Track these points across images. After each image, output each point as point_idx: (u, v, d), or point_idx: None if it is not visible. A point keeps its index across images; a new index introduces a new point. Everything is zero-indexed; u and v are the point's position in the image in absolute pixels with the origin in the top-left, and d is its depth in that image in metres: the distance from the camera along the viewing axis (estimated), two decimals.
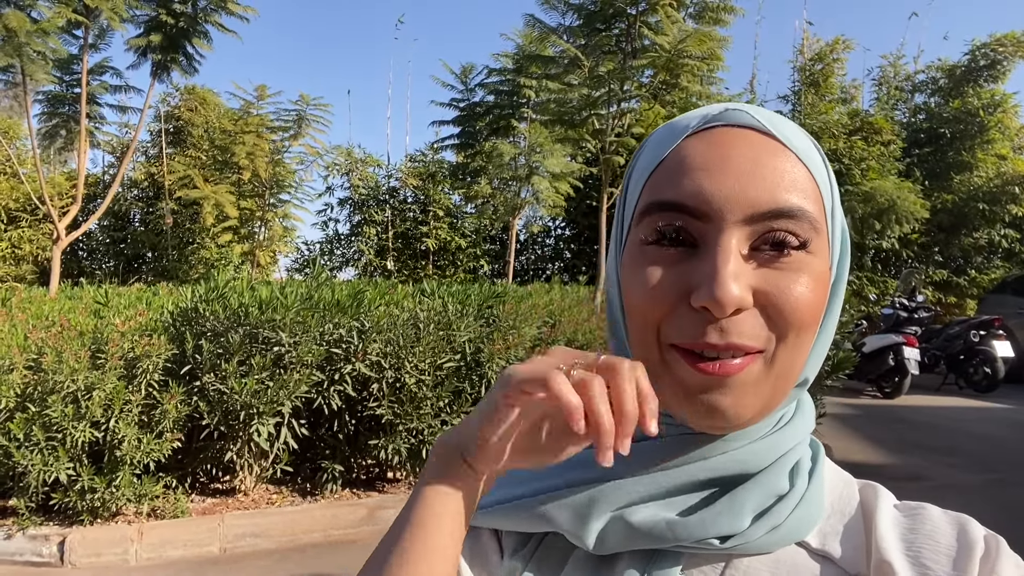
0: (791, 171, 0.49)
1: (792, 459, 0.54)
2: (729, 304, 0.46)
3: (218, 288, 4.27)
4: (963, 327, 9.72)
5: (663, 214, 0.50)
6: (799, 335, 0.49)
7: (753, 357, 0.48)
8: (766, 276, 0.48)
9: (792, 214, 0.48)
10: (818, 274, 0.49)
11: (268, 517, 4.24)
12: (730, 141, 0.50)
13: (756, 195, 0.48)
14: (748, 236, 0.48)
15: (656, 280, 0.50)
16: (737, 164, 0.49)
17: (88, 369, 3.88)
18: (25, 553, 3.91)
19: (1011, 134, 14.42)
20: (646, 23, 7.24)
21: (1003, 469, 5.70)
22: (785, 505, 0.52)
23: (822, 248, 0.50)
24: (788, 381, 0.51)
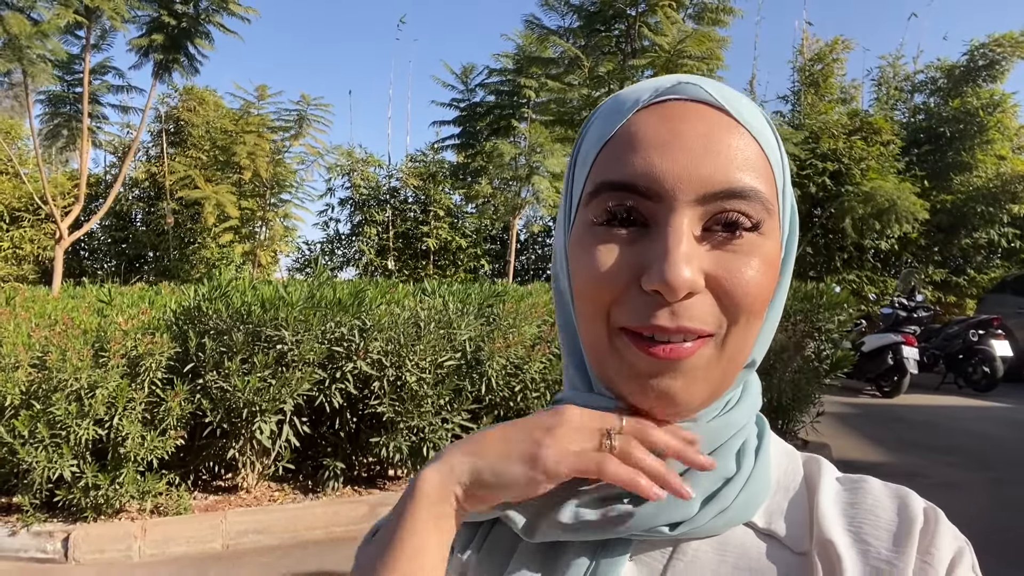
0: (744, 149, 0.48)
1: (739, 440, 0.54)
2: (681, 287, 0.44)
3: (221, 287, 4.30)
4: (962, 326, 9.77)
5: (613, 194, 0.48)
6: (749, 319, 0.48)
7: (704, 341, 0.48)
8: (718, 259, 0.47)
9: (745, 194, 0.46)
10: (769, 256, 0.48)
11: (270, 514, 4.28)
12: (682, 115, 0.48)
13: (709, 174, 0.46)
14: (700, 216, 0.47)
15: (606, 262, 0.48)
16: (690, 141, 0.47)
17: (92, 367, 3.91)
18: (30, 549, 3.95)
19: (1010, 134, 14.45)
20: (646, 24, 7.29)
21: (1001, 468, 5.74)
22: (732, 487, 0.51)
23: (773, 229, 0.49)
24: (737, 364, 0.50)
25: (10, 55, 6.41)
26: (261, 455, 4.53)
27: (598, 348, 0.51)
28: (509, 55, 11.08)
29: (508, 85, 11.39)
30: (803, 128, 12.66)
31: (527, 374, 4.74)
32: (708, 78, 0.52)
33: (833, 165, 12.56)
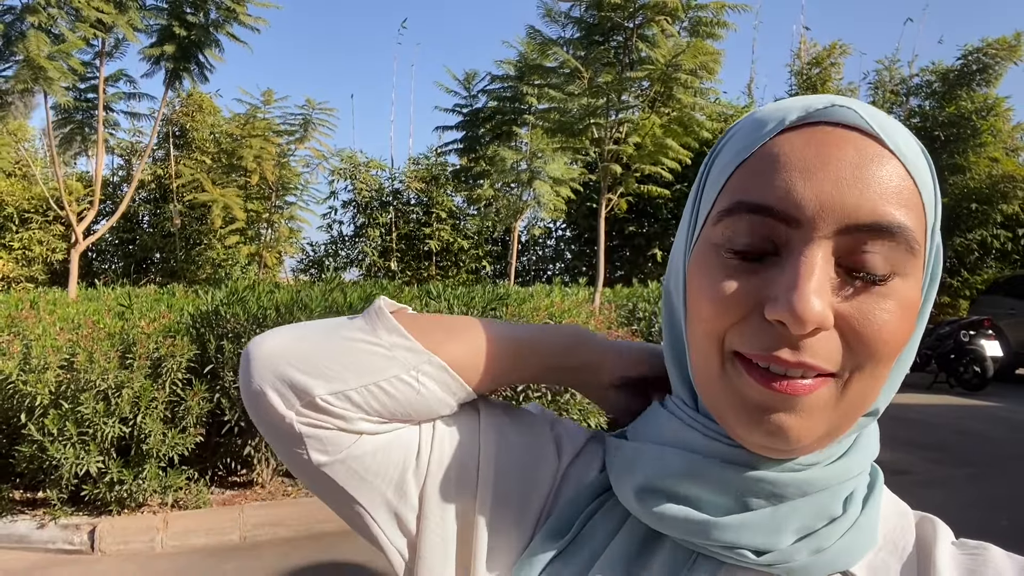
0: (897, 182, 0.44)
1: (850, 486, 0.50)
2: (809, 320, 0.42)
3: (238, 292, 4.51)
4: (953, 327, 9.96)
5: (748, 216, 0.45)
6: (877, 365, 0.45)
7: (825, 380, 0.45)
8: (853, 298, 0.44)
9: (891, 230, 0.43)
10: (907, 300, 0.45)
11: (285, 507, 4.49)
12: (833, 141, 0.45)
13: (856, 204, 0.43)
14: (839, 249, 0.44)
15: (728, 288, 0.46)
16: (838, 168, 0.44)
17: (118, 368, 4.13)
18: (57, 541, 4.15)
19: (1003, 137, 14.65)
20: (643, 36, 7.50)
21: (983, 464, 5.95)
22: (834, 529, 0.48)
23: (916, 270, 0.45)
24: (858, 411, 0.47)
25: (28, 75, 6.62)
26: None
27: (708, 372, 0.48)
28: (511, 62, 11.29)
29: (510, 91, 11.60)
30: None
31: None
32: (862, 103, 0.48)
33: None
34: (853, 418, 0.47)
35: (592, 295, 8.09)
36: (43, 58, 6.50)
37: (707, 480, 0.49)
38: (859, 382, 0.45)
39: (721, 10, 7.92)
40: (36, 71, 6.60)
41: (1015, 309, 10.75)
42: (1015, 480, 5.48)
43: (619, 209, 10.46)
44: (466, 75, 12.28)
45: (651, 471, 0.52)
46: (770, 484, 0.48)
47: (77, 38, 6.88)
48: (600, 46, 7.65)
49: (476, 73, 12.23)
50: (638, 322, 6.49)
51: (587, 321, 5.68)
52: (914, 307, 0.46)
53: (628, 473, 0.53)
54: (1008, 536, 4.26)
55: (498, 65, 11.76)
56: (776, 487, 0.48)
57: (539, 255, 17.76)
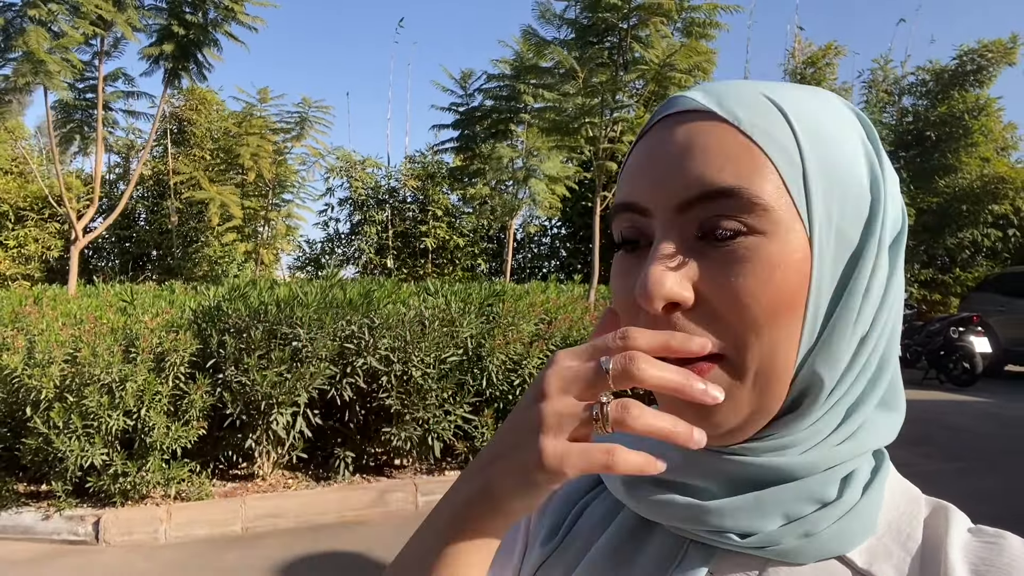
0: (727, 148, 0.44)
1: (844, 471, 0.48)
2: (655, 296, 0.42)
3: (239, 288, 4.59)
4: (943, 324, 10.08)
5: (622, 215, 0.48)
6: (761, 331, 0.43)
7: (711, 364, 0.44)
8: (708, 269, 0.44)
9: (724, 194, 0.43)
10: (777, 256, 0.43)
11: (286, 500, 4.58)
12: (668, 128, 0.46)
13: (684, 179, 0.44)
14: (687, 226, 0.45)
15: (622, 287, 0.48)
16: (669, 151, 0.45)
17: (122, 362, 4.20)
18: (62, 532, 4.22)
19: (994, 136, 14.80)
20: (636, 37, 7.59)
21: (969, 458, 6.06)
22: (826, 514, 0.46)
23: (781, 224, 0.43)
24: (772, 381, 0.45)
25: (29, 69, 6.69)
26: (276, 445, 4.83)
27: None
28: (507, 61, 11.38)
29: (506, 90, 11.69)
30: None
31: (525, 369, 5.05)
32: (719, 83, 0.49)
33: None
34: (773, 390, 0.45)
35: (587, 292, 8.19)
36: (43, 52, 6.56)
37: (699, 468, 0.48)
38: (749, 351, 0.44)
39: (714, 11, 8.03)
40: (36, 65, 6.66)
41: (1004, 306, 10.87)
42: (1003, 474, 5.58)
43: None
44: (462, 74, 12.38)
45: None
46: (754, 469, 0.47)
47: (77, 34, 6.94)
48: (594, 47, 7.74)
49: (472, 72, 12.33)
50: None
51: (582, 317, 5.78)
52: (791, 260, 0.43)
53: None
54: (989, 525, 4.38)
55: (494, 64, 11.87)
56: (760, 472, 0.47)
57: (534, 253, 17.86)
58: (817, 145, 0.46)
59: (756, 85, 0.49)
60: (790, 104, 0.47)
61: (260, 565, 3.86)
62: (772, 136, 0.45)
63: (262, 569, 3.81)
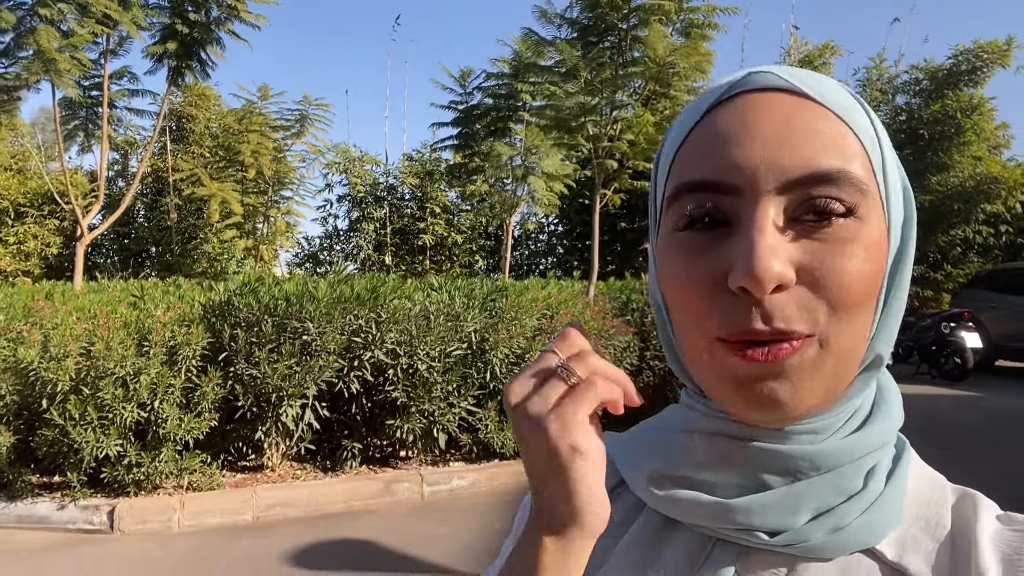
0: (828, 130, 0.44)
1: (871, 460, 0.48)
2: (768, 280, 0.42)
3: (250, 283, 4.70)
4: (935, 319, 10.22)
5: (691, 195, 0.46)
6: (853, 311, 0.44)
7: (805, 341, 0.44)
8: (810, 249, 0.43)
9: (831, 178, 0.43)
10: (871, 241, 0.44)
11: (295, 489, 4.69)
12: (756, 106, 0.46)
13: (789, 160, 0.43)
14: (786, 206, 0.44)
15: (691, 269, 0.46)
16: (765, 129, 0.45)
17: (135, 356, 4.31)
18: (78, 521, 4.32)
19: (986, 136, 14.96)
20: (637, 37, 7.71)
21: (957, 448, 6.21)
22: (853, 506, 0.46)
23: (874, 212, 0.45)
24: (851, 362, 0.46)
25: (39, 66, 6.78)
26: (285, 436, 4.94)
27: (697, 360, 0.48)
28: (506, 60, 11.46)
29: (505, 89, 11.79)
30: None
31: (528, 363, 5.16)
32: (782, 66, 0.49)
33: None
34: (847, 372, 0.46)
35: (586, 288, 8.31)
36: (54, 51, 6.67)
37: (729, 462, 0.48)
38: (840, 332, 0.44)
39: (712, 12, 8.17)
40: (47, 63, 6.76)
41: (995, 302, 11.03)
42: (989, 463, 5.73)
43: (613, 204, 10.67)
44: (461, 72, 12.47)
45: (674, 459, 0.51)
46: (785, 459, 0.47)
47: (85, 32, 7.04)
48: (595, 46, 7.86)
49: (472, 70, 12.42)
50: (631, 313, 6.71)
51: (583, 311, 5.90)
52: (879, 245, 0.45)
53: (645, 462, 0.53)
54: None
55: (493, 63, 11.97)
56: (791, 462, 0.47)
57: (531, 249, 17.98)
58: (886, 139, 0.48)
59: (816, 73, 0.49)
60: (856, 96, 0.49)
61: (272, 553, 3.97)
62: (861, 125, 0.46)
63: (275, 556, 3.92)
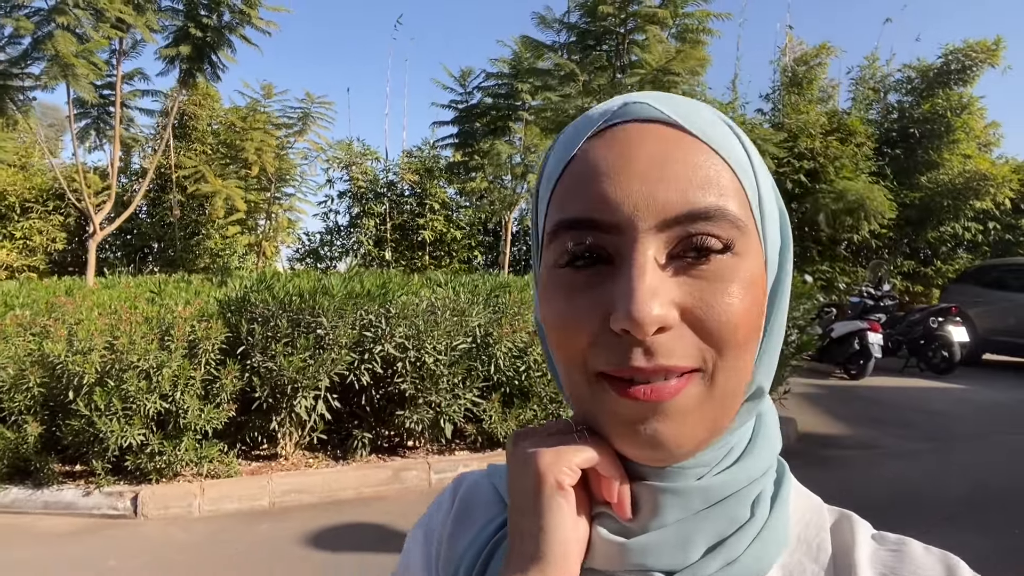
0: (704, 165, 0.44)
1: (756, 488, 0.48)
2: (648, 324, 0.41)
3: (265, 280, 4.92)
4: (923, 314, 10.47)
5: (570, 232, 0.45)
6: (738, 348, 0.44)
7: (689, 377, 0.43)
8: (690, 288, 0.43)
9: (708, 215, 0.43)
10: (749, 277, 0.44)
11: (309, 477, 4.91)
12: (634, 139, 0.45)
13: (666, 197, 0.43)
14: (665, 244, 0.43)
15: (573, 309, 0.45)
16: (642, 164, 0.44)
17: (158, 350, 4.52)
18: (102, 507, 4.53)
19: (975, 134, 15.22)
20: (634, 42, 7.93)
21: (944, 438, 6.46)
22: (743, 536, 0.46)
23: (751, 247, 0.45)
24: (735, 398, 0.46)
25: (57, 71, 6.99)
26: (298, 426, 5.16)
27: (580, 397, 0.47)
28: (505, 60, 11.66)
29: (504, 88, 11.98)
30: (783, 128, 13.35)
31: (530, 357, 5.39)
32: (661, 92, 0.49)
33: (809, 163, 13.32)
34: (731, 407, 0.46)
35: None
36: (72, 56, 6.87)
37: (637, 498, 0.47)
38: (725, 370, 0.44)
39: (706, 18, 8.40)
40: (65, 68, 6.97)
41: (982, 297, 11.28)
42: (973, 453, 5.98)
43: None
44: (462, 72, 12.64)
45: None
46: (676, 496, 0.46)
47: (100, 37, 7.24)
48: (593, 51, 8.06)
49: (472, 70, 12.60)
50: None
51: None
52: (757, 280, 0.45)
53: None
54: (960, 500, 4.77)
55: (493, 63, 12.16)
56: (683, 499, 0.46)
57: (529, 246, 18.13)
58: (761, 169, 0.48)
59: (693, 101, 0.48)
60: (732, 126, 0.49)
61: (289, 536, 4.18)
62: (737, 158, 0.46)
63: (291, 539, 4.14)
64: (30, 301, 5.42)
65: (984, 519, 4.35)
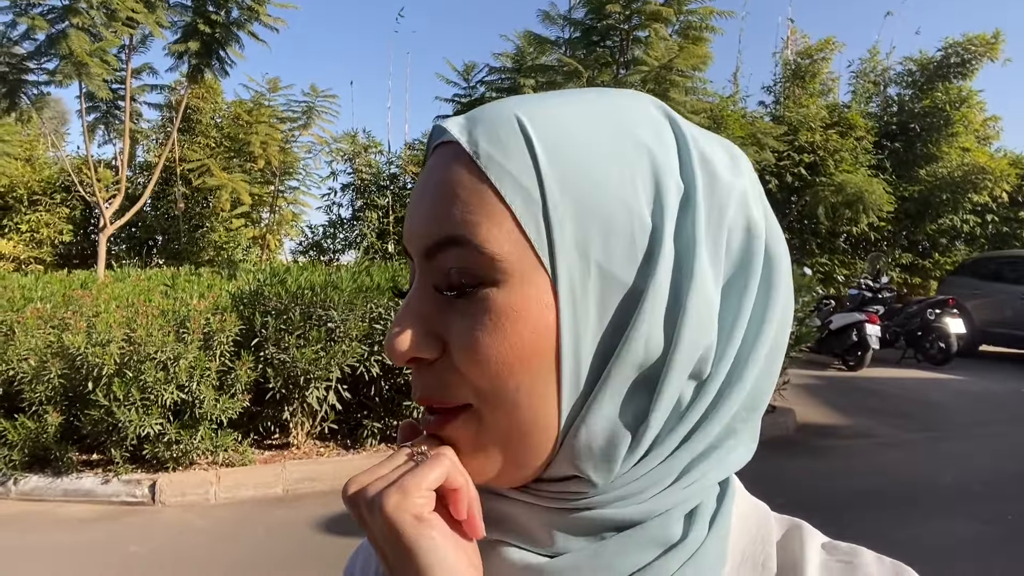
0: (460, 186, 0.40)
1: (689, 505, 0.44)
2: (394, 355, 0.40)
3: (277, 273, 5.05)
4: (920, 306, 10.57)
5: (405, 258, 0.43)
6: (502, 383, 0.40)
7: (456, 413, 0.41)
8: (449, 320, 0.41)
9: (455, 241, 0.40)
10: (505, 308, 0.39)
11: (321, 465, 5.06)
12: (431, 164, 0.43)
13: (426, 224, 0.41)
14: (432, 274, 0.42)
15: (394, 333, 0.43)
16: (424, 190, 0.42)
17: (175, 341, 4.65)
18: (121, 495, 4.66)
19: (973, 127, 15.31)
20: (638, 39, 8.02)
21: (940, 428, 6.60)
22: (672, 558, 0.42)
23: (519, 275, 0.39)
24: (532, 434, 0.41)
25: (71, 70, 7.10)
26: (309, 417, 5.30)
27: None
28: (508, 55, 11.75)
29: (508, 83, 12.06)
30: (783, 121, 13.44)
31: None
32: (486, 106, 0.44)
33: (809, 157, 13.41)
34: (531, 443, 0.41)
35: None
36: (86, 55, 6.99)
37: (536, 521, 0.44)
38: (496, 407, 0.40)
39: (709, 15, 8.48)
40: (79, 67, 7.09)
41: (980, 289, 11.39)
42: (969, 443, 6.11)
43: None
44: (465, 66, 12.73)
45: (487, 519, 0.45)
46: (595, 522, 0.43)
47: (112, 36, 7.35)
48: (597, 47, 8.15)
49: (475, 65, 12.69)
50: None
51: None
52: (528, 312, 0.39)
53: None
54: (955, 489, 4.91)
55: (496, 58, 12.25)
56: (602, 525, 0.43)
57: None
58: (569, 174, 0.40)
59: (521, 102, 0.43)
60: (545, 125, 0.41)
61: (304, 521, 4.31)
62: (507, 170, 0.40)
63: (306, 524, 4.28)
64: (47, 294, 5.54)
65: (978, 507, 4.48)
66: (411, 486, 0.38)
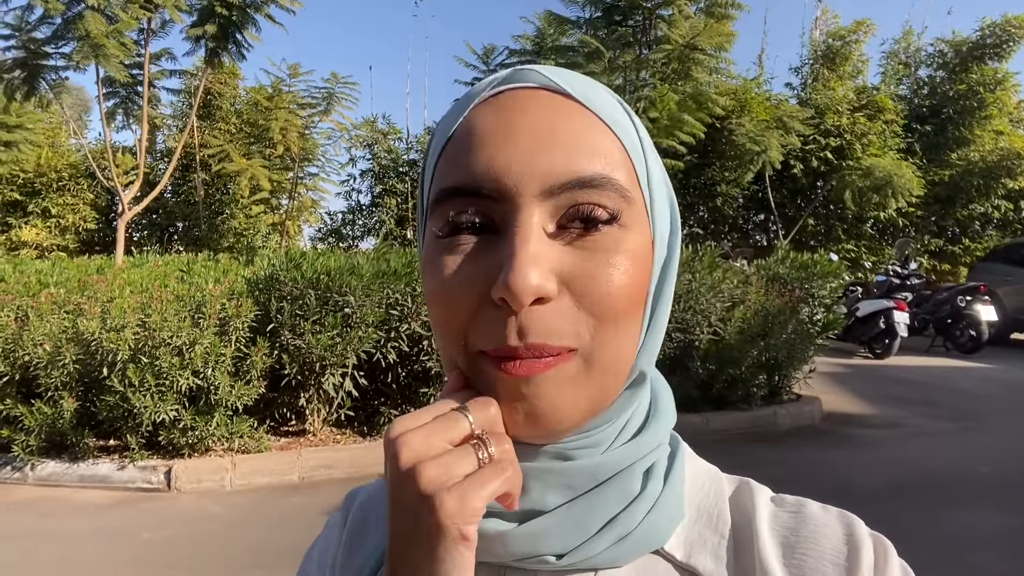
0: (591, 135, 0.43)
1: (648, 461, 0.48)
2: (524, 293, 0.39)
3: (294, 259, 4.98)
4: (950, 293, 10.34)
5: (453, 201, 0.43)
6: (619, 323, 0.42)
7: (565, 356, 0.41)
8: (574, 258, 0.42)
9: (595, 183, 0.42)
10: (635, 251, 0.43)
11: (337, 452, 5.00)
12: (519, 105, 0.44)
13: (551, 164, 0.41)
14: (551, 213, 0.42)
15: (453, 278, 0.43)
16: (527, 130, 0.42)
17: (190, 327, 4.60)
18: (137, 481, 4.64)
19: (1008, 110, 14.90)
20: (661, 17, 7.83)
21: (972, 418, 6.41)
22: (635, 510, 0.45)
23: (638, 220, 0.44)
24: (617, 376, 0.44)
25: (88, 51, 7.09)
26: (326, 403, 5.24)
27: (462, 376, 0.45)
28: (528, 37, 11.58)
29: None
30: (810, 104, 13.15)
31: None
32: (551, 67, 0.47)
33: (836, 141, 13.11)
34: (613, 386, 0.44)
35: None
36: (103, 37, 6.97)
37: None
38: (604, 347, 0.42)
39: None
40: (95, 48, 7.07)
41: (1011, 276, 11.11)
42: (1000, 433, 5.93)
43: None
44: (484, 49, 12.59)
45: None
46: (564, 477, 0.45)
47: (129, 17, 7.33)
48: (619, 27, 7.97)
49: (495, 48, 12.54)
50: None
51: None
52: (643, 255, 0.44)
53: None
54: (988, 480, 4.75)
55: (515, 40, 12.08)
56: (571, 479, 0.45)
57: None
58: (651, 151, 0.48)
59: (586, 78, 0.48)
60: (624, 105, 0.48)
61: (320, 508, 4.26)
62: (627, 133, 0.45)
63: (322, 512, 4.22)
64: (63, 280, 5.52)
65: (1011, 498, 4.32)
66: (471, 497, 0.38)
